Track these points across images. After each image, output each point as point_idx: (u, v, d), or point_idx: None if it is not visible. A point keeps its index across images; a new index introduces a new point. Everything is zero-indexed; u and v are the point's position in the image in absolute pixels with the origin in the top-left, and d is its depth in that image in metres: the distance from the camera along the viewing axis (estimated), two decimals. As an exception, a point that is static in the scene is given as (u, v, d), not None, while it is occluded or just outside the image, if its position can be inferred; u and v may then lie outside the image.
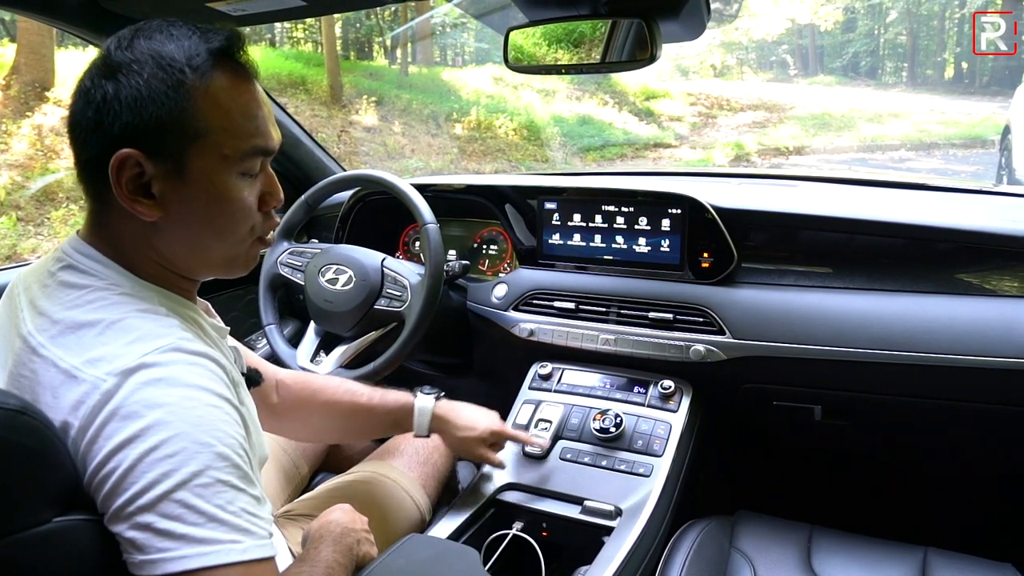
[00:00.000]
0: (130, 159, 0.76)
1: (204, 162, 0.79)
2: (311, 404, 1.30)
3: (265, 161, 0.85)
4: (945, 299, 1.38)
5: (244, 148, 0.81)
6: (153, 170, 0.77)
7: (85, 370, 0.72)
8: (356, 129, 8.94)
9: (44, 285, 0.81)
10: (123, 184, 0.77)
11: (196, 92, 0.77)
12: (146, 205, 0.78)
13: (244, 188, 0.83)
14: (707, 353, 1.46)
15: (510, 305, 1.68)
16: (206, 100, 0.78)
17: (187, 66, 0.77)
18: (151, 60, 0.77)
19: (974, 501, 1.64)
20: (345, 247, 1.69)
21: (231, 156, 0.80)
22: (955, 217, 1.43)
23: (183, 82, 0.77)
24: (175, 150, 0.77)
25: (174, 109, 0.76)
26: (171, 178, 0.78)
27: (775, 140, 10.61)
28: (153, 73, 0.76)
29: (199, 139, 0.78)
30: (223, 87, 0.79)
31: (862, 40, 18.06)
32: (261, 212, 0.86)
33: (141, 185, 0.78)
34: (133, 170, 0.77)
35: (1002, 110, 9.56)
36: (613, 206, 1.60)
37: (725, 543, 1.31)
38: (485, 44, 14.31)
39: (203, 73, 0.78)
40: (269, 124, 0.84)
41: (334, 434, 1.43)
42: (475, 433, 1.34)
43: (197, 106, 0.77)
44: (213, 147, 0.79)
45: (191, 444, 0.70)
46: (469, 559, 1.05)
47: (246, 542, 0.70)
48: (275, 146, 0.85)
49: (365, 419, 1.33)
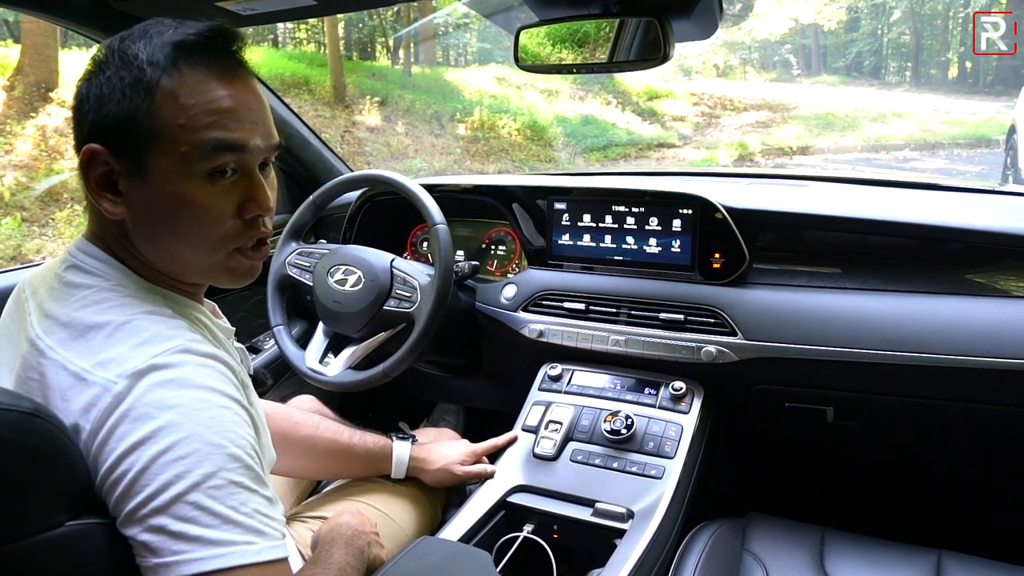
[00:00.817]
0: (98, 155, 0.77)
1: (164, 162, 0.76)
2: (290, 438, 1.31)
3: (246, 160, 0.80)
4: (958, 300, 1.37)
5: (201, 142, 0.76)
6: (118, 167, 0.77)
7: (95, 373, 0.72)
8: (359, 129, 8.94)
9: (51, 287, 0.81)
10: (92, 179, 0.78)
11: (155, 89, 0.75)
12: (111, 201, 0.78)
13: (213, 192, 0.78)
14: (718, 354, 1.45)
15: (519, 306, 1.67)
16: (165, 97, 0.75)
17: (147, 63, 0.75)
18: (117, 58, 0.76)
19: (988, 503, 1.62)
20: (354, 247, 1.68)
21: (189, 154, 0.76)
22: (966, 217, 1.43)
23: (140, 79, 0.75)
24: (135, 148, 0.76)
25: (129, 106, 0.75)
26: (133, 176, 0.78)
27: (779, 140, 10.59)
28: (115, 71, 0.76)
29: (157, 137, 0.76)
30: (187, 83, 0.76)
31: (865, 40, 18.04)
32: (242, 219, 0.81)
33: (110, 182, 0.78)
34: (102, 167, 0.77)
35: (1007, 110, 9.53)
36: (624, 206, 1.59)
37: (737, 545, 1.30)
38: (488, 44, 14.31)
39: (164, 69, 0.75)
40: (243, 120, 0.78)
41: (308, 470, 1.43)
42: (449, 460, 1.42)
43: (154, 103, 0.75)
44: (170, 145, 0.76)
45: (203, 445, 0.69)
46: (481, 562, 1.04)
47: (260, 543, 0.70)
48: (244, 142, 0.78)
49: (343, 459, 1.37)
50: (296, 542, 1.15)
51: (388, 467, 1.39)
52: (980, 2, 15.05)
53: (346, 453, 1.35)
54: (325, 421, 1.37)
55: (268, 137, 0.81)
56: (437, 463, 1.41)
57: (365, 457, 1.37)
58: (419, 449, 1.42)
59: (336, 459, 1.36)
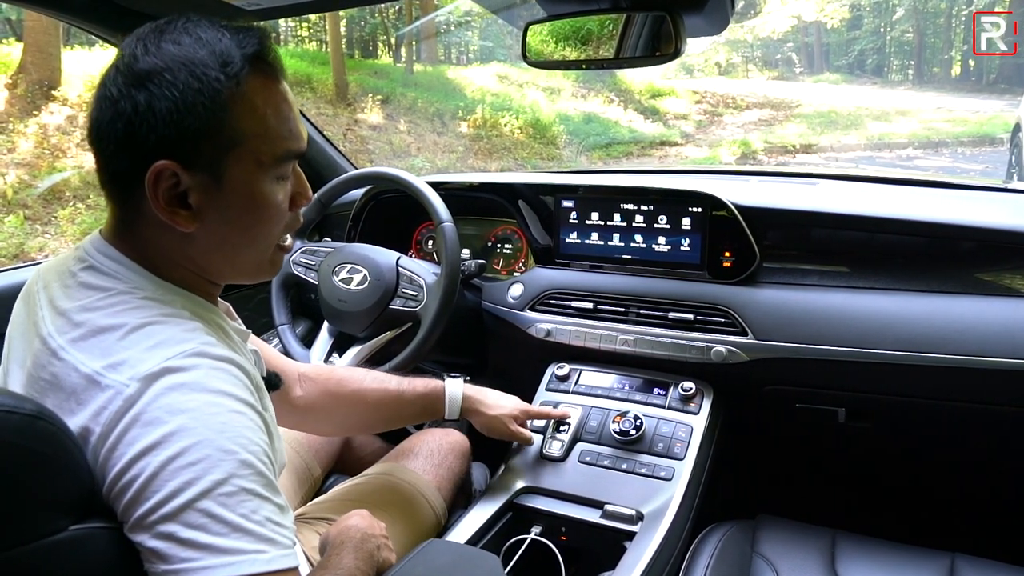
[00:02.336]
0: (166, 171, 0.74)
1: (241, 169, 0.78)
2: (338, 395, 1.29)
3: (295, 162, 0.85)
4: (972, 300, 1.36)
5: (279, 153, 0.80)
6: (190, 181, 0.76)
7: (107, 375, 0.70)
8: (362, 127, 8.94)
9: (65, 285, 0.79)
10: (159, 196, 0.75)
11: (232, 100, 0.75)
12: (183, 217, 0.77)
13: (279, 191, 0.82)
14: (729, 354, 1.43)
15: (526, 305, 1.66)
16: (242, 107, 0.76)
17: (222, 74, 0.75)
18: (183, 68, 0.74)
19: (1002, 505, 1.61)
20: (359, 246, 1.66)
21: (266, 162, 0.79)
22: (975, 215, 1.41)
23: (219, 91, 0.74)
24: (212, 160, 0.76)
25: (211, 119, 0.74)
26: (208, 188, 0.77)
27: (781, 138, 10.57)
28: (188, 83, 0.73)
29: (236, 147, 0.76)
30: (256, 91, 0.77)
31: (868, 38, 18.01)
32: (291, 212, 0.86)
33: (177, 195, 0.76)
34: (169, 181, 0.75)
35: (1010, 108, 9.53)
36: (632, 204, 1.58)
37: (747, 548, 1.28)
38: (489, 42, 14.30)
39: (238, 80, 0.76)
40: (299, 125, 0.83)
41: (361, 425, 1.41)
42: (505, 411, 1.37)
43: (232, 114, 0.75)
44: (249, 154, 0.77)
45: (215, 451, 0.68)
46: (490, 565, 1.03)
47: (271, 552, 0.68)
48: (305, 146, 0.83)
49: (395, 407, 1.33)
50: (302, 544, 1.14)
51: (442, 408, 1.34)
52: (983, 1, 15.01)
53: (397, 401, 1.32)
54: (371, 374, 1.34)
55: (307, 136, 0.86)
56: (493, 409, 1.37)
57: (417, 402, 1.33)
58: (474, 390, 1.38)
59: (388, 409, 1.33)
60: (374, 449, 1.64)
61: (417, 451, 1.43)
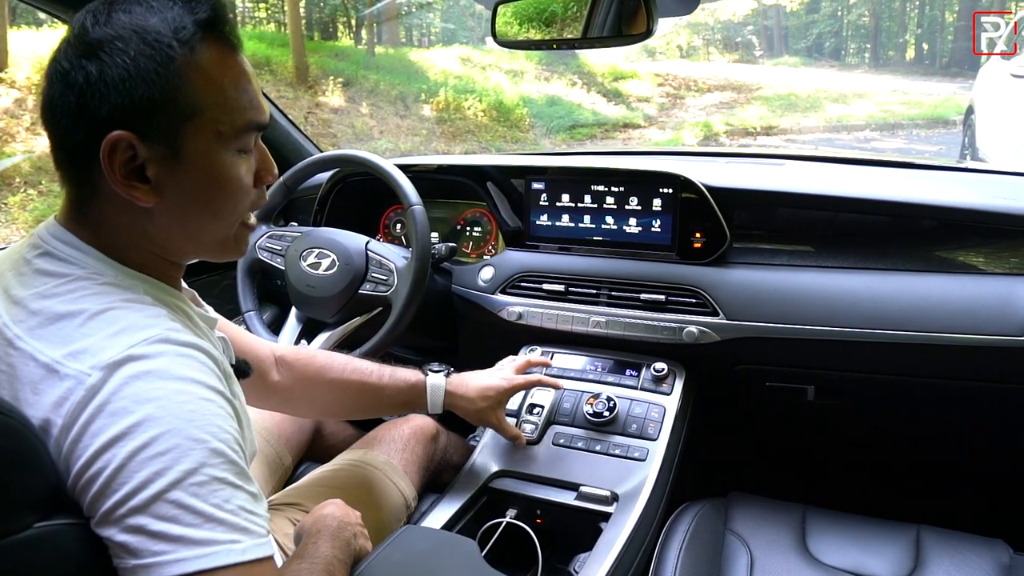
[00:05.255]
0: (122, 142, 0.71)
1: (199, 141, 0.75)
2: (317, 382, 1.26)
3: (258, 136, 0.82)
4: (934, 277, 1.38)
5: (240, 124, 0.77)
6: (147, 153, 0.73)
7: (67, 364, 0.67)
8: (323, 110, 8.79)
9: (19, 273, 0.76)
10: (116, 169, 0.72)
11: (187, 68, 0.72)
12: (142, 190, 0.74)
13: (241, 165, 0.79)
14: (700, 335, 1.44)
15: (497, 288, 1.64)
16: (198, 76, 0.73)
17: (175, 40, 0.72)
18: (135, 36, 0.71)
19: (965, 478, 1.65)
20: (327, 230, 1.63)
21: (227, 133, 0.76)
22: (935, 194, 1.44)
23: (173, 58, 0.72)
24: (169, 131, 0.73)
25: (166, 87, 0.71)
26: (166, 160, 0.74)
27: (743, 120, 10.67)
28: (140, 50, 0.71)
29: (193, 117, 0.74)
30: (213, 60, 0.74)
31: (826, 21, 18.24)
32: (256, 189, 0.83)
33: (135, 169, 0.73)
34: (126, 153, 0.72)
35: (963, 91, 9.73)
36: (602, 186, 1.57)
37: (720, 525, 1.30)
38: (452, 24, 14.15)
39: (192, 47, 0.73)
40: (260, 97, 0.80)
41: (340, 412, 1.41)
42: (489, 403, 1.33)
43: (188, 83, 0.73)
44: (208, 125, 0.75)
45: (184, 440, 0.66)
46: (467, 549, 1.02)
47: (245, 541, 0.67)
48: (267, 119, 0.81)
49: (375, 399, 1.30)
50: (272, 531, 1.12)
51: (423, 403, 1.31)
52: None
53: (377, 393, 1.29)
54: (352, 362, 1.30)
55: (268, 110, 0.83)
56: (476, 402, 1.32)
57: (398, 396, 1.30)
58: (456, 383, 1.33)
59: (367, 400, 1.30)
60: (345, 436, 1.62)
61: (383, 438, 1.42)
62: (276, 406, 1.28)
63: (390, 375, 1.30)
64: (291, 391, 1.24)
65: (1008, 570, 1.18)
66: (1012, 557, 1.20)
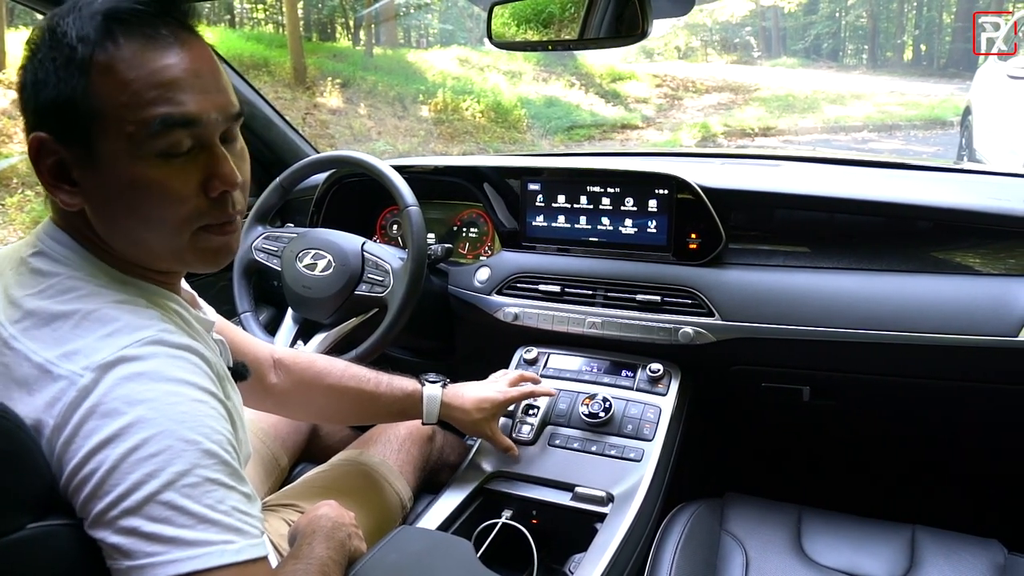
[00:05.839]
0: (45, 144, 0.71)
1: (113, 144, 0.70)
2: (314, 388, 1.26)
3: (202, 133, 0.73)
4: (929, 278, 1.38)
5: (148, 120, 0.69)
6: (66, 154, 0.72)
7: (60, 364, 0.68)
8: (321, 111, 8.79)
9: (18, 273, 0.76)
10: (44, 171, 0.72)
11: (90, 66, 0.69)
12: (67, 192, 0.73)
13: (169, 170, 0.72)
14: (696, 335, 1.44)
15: (493, 289, 1.65)
16: (101, 74, 0.69)
17: (77, 38, 0.69)
18: (47, 37, 0.70)
19: (960, 478, 1.66)
20: (323, 231, 1.64)
21: (136, 133, 0.70)
22: (931, 195, 1.44)
23: (72, 58, 0.69)
24: (79, 134, 0.71)
25: (65, 89, 0.69)
26: (85, 163, 0.72)
27: (740, 121, 10.67)
28: (47, 52, 0.70)
29: (100, 119, 0.69)
30: (124, 56, 0.69)
31: (824, 22, 18.26)
32: (208, 198, 0.75)
33: (63, 171, 0.73)
34: (53, 156, 0.72)
35: (960, 92, 9.75)
36: (599, 187, 1.57)
37: (715, 526, 1.30)
38: (450, 25, 14.16)
39: (96, 43, 0.68)
40: (192, 90, 0.71)
41: (336, 418, 1.42)
42: (484, 415, 1.33)
43: (91, 82, 0.69)
44: (116, 126, 0.70)
45: (176, 442, 0.66)
46: (462, 550, 1.03)
47: (239, 542, 0.67)
48: (197, 114, 0.72)
49: (371, 407, 1.30)
50: (267, 532, 1.12)
51: (419, 413, 1.31)
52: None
53: (374, 402, 1.29)
54: (351, 368, 1.29)
55: (226, 106, 0.75)
56: (471, 414, 1.32)
57: (394, 405, 1.30)
58: (452, 394, 1.33)
59: (364, 407, 1.30)
60: (342, 437, 1.62)
61: (379, 438, 1.42)
62: (273, 409, 1.28)
63: (387, 383, 1.30)
64: (288, 394, 1.24)
65: (1003, 570, 1.18)
66: (1007, 557, 1.20)
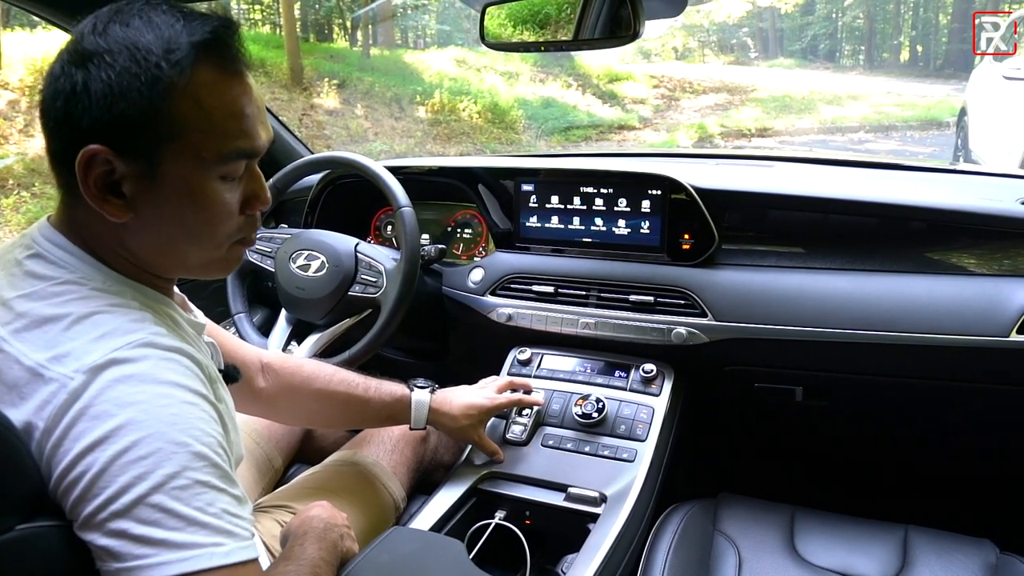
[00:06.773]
0: (98, 156, 0.71)
1: (179, 164, 0.73)
2: (302, 392, 1.26)
3: (251, 163, 0.79)
4: (922, 278, 1.39)
5: (225, 151, 0.74)
6: (123, 169, 0.72)
7: (51, 367, 0.67)
8: (318, 112, 8.78)
9: (10, 274, 0.76)
10: (90, 182, 0.71)
11: (173, 89, 0.71)
12: (115, 205, 0.73)
13: (225, 191, 0.77)
14: (689, 336, 1.44)
15: (487, 290, 1.65)
16: (184, 98, 0.71)
17: (164, 60, 0.70)
18: (125, 51, 0.70)
19: (953, 478, 1.66)
20: (316, 232, 1.64)
21: (209, 159, 0.74)
22: (924, 195, 1.45)
23: (159, 78, 0.70)
24: (147, 150, 0.72)
25: (147, 107, 0.70)
26: (143, 179, 0.73)
27: (737, 122, 10.69)
28: (126, 66, 0.70)
29: (175, 140, 0.72)
30: (205, 84, 0.72)
31: (821, 23, 18.32)
32: (244, 215, 0.80)
33: (110, 183, 0.72)
34: (102, 167, 0.71)
35: (956, 93, 9.78)
36: (592, 188, 1.58)
37: (709, 526, 1.30)
38: (447, 26, 14.17)
39: (183, 68, 0.71)
40: (257, 123, 0.77)
41: (324, 422, 1.42)
42: (471, 420, 1.34)
43: (174, 104, 0.71)
44: (190, 149, 0.73)
45: (166, 444, 0.66)
46: (454, 551, 1.03)
47: (229, 544, 0.67)
48: (262, 146, 0.78)
49: (360, 412, 1.30)
50: (260, 533, 1.12)
51: (407, 418, 1.31)
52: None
53: (362, 406, 1.29)
54: (339, 373, 1.29)
55: (268, 134, 0.80)
56: (459, 420, 1.33)
57: (383, 410, 1.31)
58: (440, 400, 1.34)
59: (352, 412, 1.30)
60: (336, 438, 1.62)
61: (373, 439, 1.42)
62: (261, 412, 1.28)
63: (376, 388, 1.30)
64: (276, 399, 1.24)
65: (995, 570, 1.18)
66: (999, 557, 1.20)
